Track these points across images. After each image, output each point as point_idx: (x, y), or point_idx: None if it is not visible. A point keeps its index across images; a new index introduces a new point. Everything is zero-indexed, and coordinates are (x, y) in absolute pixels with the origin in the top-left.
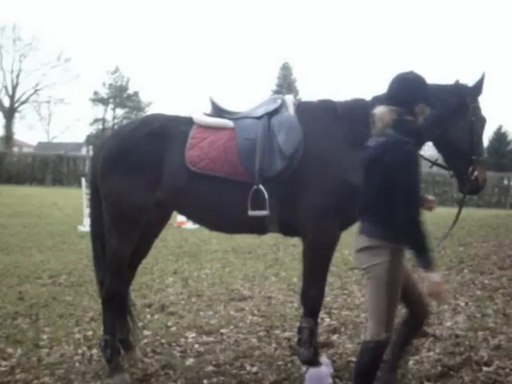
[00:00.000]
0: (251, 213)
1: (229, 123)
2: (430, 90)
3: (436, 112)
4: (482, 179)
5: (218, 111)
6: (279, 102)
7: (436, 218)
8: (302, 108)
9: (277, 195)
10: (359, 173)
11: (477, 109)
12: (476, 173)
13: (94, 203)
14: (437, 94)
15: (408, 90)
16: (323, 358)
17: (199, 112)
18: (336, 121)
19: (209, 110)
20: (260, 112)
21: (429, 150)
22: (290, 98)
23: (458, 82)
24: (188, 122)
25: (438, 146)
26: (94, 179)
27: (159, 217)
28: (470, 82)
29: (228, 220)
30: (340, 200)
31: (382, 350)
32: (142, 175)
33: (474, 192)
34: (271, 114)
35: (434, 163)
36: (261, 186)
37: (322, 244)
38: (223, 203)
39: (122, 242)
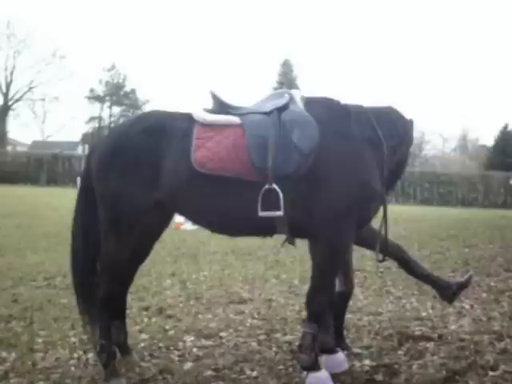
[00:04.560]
0: (262, 213)
1: (235, 120)
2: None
3: (406, 137)
4: None
5: (221, 106)
6: (287, 96)
7: (440, 218)
8: (313, 104)
9: (289, 195)
10: (375, 173)
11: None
12: None
13: (83, 204)
14: (405, 122)
15: None
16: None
17: (199, 108)
18: (350, 120)
19: (209, 105)
20: (268, 107)
21: (432, 149)
22: (297, 93)
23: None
24: (186, 118)
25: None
26: (87, 179)
27: (159, 219)
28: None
29: (235, 222)
30: (359, 201)
31: None
32: (140, 174)
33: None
34: (281, 110)
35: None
36: (274, 185)
37: (338, 246)
38: (231, 204)
39: (119, 244)
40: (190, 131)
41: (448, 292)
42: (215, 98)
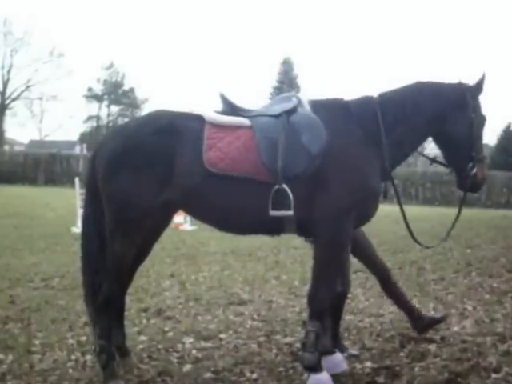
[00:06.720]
0: (273, 213)
1: (245, 121)
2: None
3: (437, 108)
4: (481, 177)
5: (231, 108)
6: (295, 100)
7: (443, 218)
8: (318, 106)
9: (296, 194)
10: (375, 172)
11: (477, 107)
12: (475, 170)
13: (90, 204)
14: (439, 91)
15: None
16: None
17: (209, 109)
18: (352, 120)
19: (218, 106)
20: (277, 110)
21: (434, 148)
22: (304, 97)
23: (460, 81)
24: (196, 118)
25: (438, 141)
26: (92, 179)
27: (165, 218)
28: (472, 81)
29: (245, 220)
30: (359, 200)
31: None
32: (150, 175)
33: (472, 189)
34: (289, 113)
35: (434, 160)
36: (284, 186)
37: (339, 243)
38: (242, 203)
39: (125, 244)
40: (202, 132)
41: (420, 323)
42: (225, 100)
